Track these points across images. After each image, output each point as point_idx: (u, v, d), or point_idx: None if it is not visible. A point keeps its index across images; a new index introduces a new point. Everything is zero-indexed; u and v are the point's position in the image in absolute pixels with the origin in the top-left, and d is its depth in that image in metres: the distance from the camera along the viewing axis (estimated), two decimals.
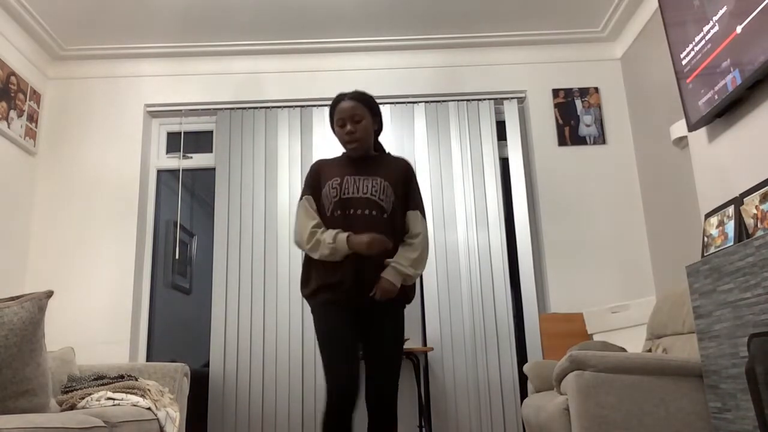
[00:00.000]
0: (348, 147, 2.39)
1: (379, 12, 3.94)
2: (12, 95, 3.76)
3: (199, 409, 3.71)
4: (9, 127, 3.72)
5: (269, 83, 4.24)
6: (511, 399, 3.69)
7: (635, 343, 3.44)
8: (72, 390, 2.83)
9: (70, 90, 4.21)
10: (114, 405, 2.60)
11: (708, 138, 2.88)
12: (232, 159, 4.06)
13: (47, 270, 3.89)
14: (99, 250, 3.92)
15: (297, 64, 4.27)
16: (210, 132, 4.31)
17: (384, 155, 2.50)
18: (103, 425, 2.20)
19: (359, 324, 2.34)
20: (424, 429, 3.63)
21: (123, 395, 2.70)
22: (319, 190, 2.41)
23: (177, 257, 4.17)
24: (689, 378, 2.37)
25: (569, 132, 4.15)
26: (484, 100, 4.19)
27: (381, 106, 4.13)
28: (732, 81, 2.51)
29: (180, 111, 4.25)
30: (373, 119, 2.42)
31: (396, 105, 4.19)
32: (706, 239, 2.62)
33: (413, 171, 2.48)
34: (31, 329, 2.17)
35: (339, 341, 2.22)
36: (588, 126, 4.16)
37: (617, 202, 4.04)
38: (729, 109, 2.66)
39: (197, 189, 4.31)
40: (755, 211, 2.30)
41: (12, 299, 2.21)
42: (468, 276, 3.86)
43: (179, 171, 4.26)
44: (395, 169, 2.42)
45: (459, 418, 3.67)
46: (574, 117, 4.17)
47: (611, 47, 4.30)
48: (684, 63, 2.88)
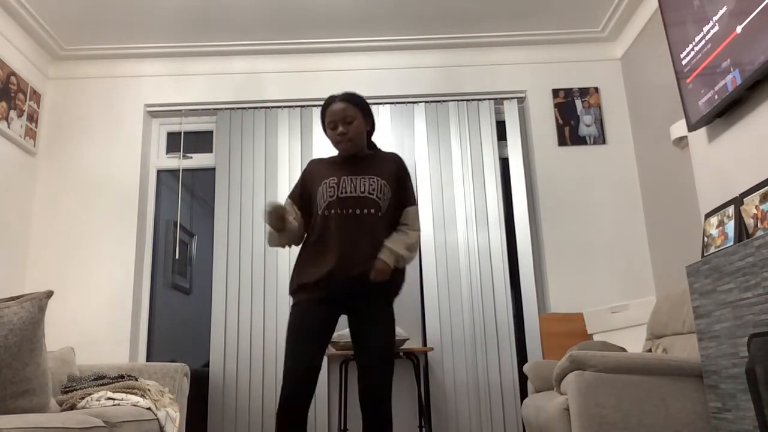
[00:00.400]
0: (341, 148, 2.40)
1: (379, 12, 3.94)
2: (12, 95, 3.76)
3: (199, 409, 3.71)
4: (9, 127, 3.72)
5: (269, 83, 4.24)
6: (511, 399, 3.69)
7: (635, 343, 3.44)
8: (72, 390, 2.84)
9: (70, 90, 4.21)
10: (114, 405, 2.60)
11: (708, 138, 2.88)
12: (232, 159, 4.06)
13: (47, 270, 3.89)
14: (99, 250, 3.92)
15: (297, 64, 4.28)
16: (210, 132, 4.31)
17: (376, 152, 2.50)
18: (103, 425, 2.20)
19: (351, 323, 2.34)
20: (424, 429, 3.63)
21: (123, 395, 2.70)
22: (308, 190, 2.42)
23: (177, 257, 4.17)
24: (689, 378, 2.37)
25: (569, 132, 4.15)
26: (484, 100, 4.19)
27: (381, 106, 4.18)
28: (732, 81, 2.51)
29: (180, 111, 4.25)
30: (365, 119, 2.43)
31: (396, 105, 4.19)
32: (706, 239, 2.62)
33: (405, 165, 2.49)
34: (31, 329, 2.17)
35: (301, 341, 2.21)
36: (588, 126, 4.16)
37: (617, 202, 4.04)
38: (729, 109, 2.66)
39: (197, 189, 4.31)
40: (755, 211, 2.30)
41: (12, 299, 2.21)
42: (468, 276, 3.86)
43: (179, 171, 4.26)
44: (389, 166, 2.43)
45: (459, 418, 3.67)
46: (574, 117, 4.18)
47: (611, 47, 4.30)
48: (684, 63, 2.88)
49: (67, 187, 4.03)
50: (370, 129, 2.48)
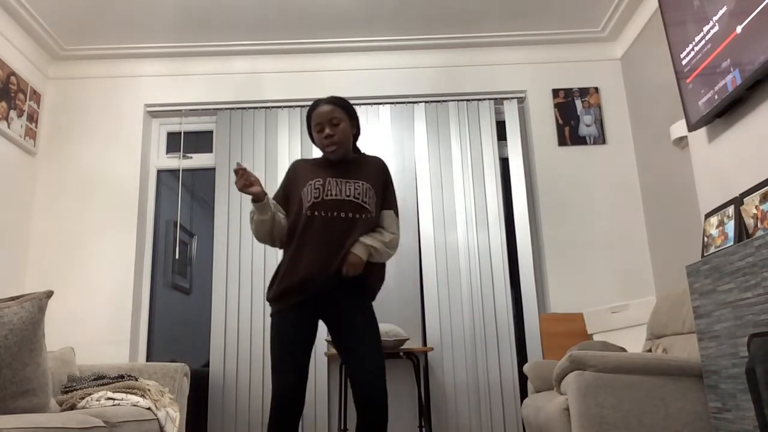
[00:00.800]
0: (327, 151, 2.38)
1: (379, 12, 3.94)
2: (12, 95, 3.76)
3: (199, 409, 3.71)
4: (9, 127, 3.72)
5: (269, 83, 4.24)
6: (511, 399, 3.69)
7: (635, 343, 3.44)
8: (72, 390, 2.84)
9: (70, 90, 4.21)
10: (114, 405, 2.60)
11: (708, 138, 2.88)
12: (232, 159, 4.06)
13: (47, 270, 3.89)
14: (99, 250, 3.92)
15: (297, 64, 4.27)
16: (210, 132, 4.31)
17: (361, 156, 2.50)
18: (103, 425, 2.20)
19: (332, 329, 2.33)
20: (424, 429, 3.63)
21: (123, 395, 2.70)
22: (291, 190, 2.40)
23: (177, 257, 4.17)
24: (689, 378, 2.37)
25: (569, 132, 4.15)
26: (484, 100, 4.19)
27: (381, 106, 4.18)
28: (732, 81, 2.51)
29: (180, 111, 4.25)
30: (351, 123, 2.43)
31: (396, 105, 4.19)
32: (706, 239, 2.62)
33: (388, 170, 2.50)
34: (31, 329, 2.17)
35: (288, 353, 2.20)
36: (588, 126, 4.16)
37: (617, 202, 4.04)
38: (729, 109, 2.66)
39: (197, 189, 4.31)
40: (755, 211, 2.30)
41: (12, 299, 2.21)
42: (468, 276, 3.86)
43: (179, 171, 4.26)
44: (374, 171, 2.43)
45: (459, 418, 3.67)
46: (574, 117, 4.18)
47: (611, 47, 4.30)
48: (684, 63, 2.88)
49: (67, 187, 4.03)
50: (356, 133, 2.49)
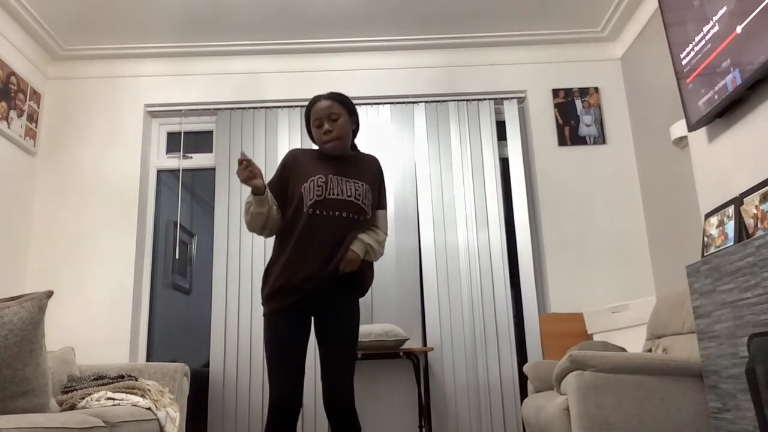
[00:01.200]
0: (327, 147, 2.36)
1: (379, 12, 3.94)
2: (12, 95, 3.76)
3: (199, 409, 3.71)
4: (9, 127, 3.72)
5: (269, 83, 4.24)
6: (511, 399, 3.69)
7: (635, 343, 3.44)
8: (72, 390, 2.84)
9: (70, 90, 4.21)
10: (114, 405, 2.60)
11: (708, 138, 2.88)
12: (232, 159, 4.06)
13: (47, 270, 3.89)
14: (99, 250, 3.92)
15: (297, 64, 4.27)
16: (210, 132, 4.31)
17: (358, 155, 2.49)
18: (103, 425, 2.20)
19: (317, 322, 2.32)
20: (424, 429, 3.63)
21: (123, 395, 2.70)
22: (289, 180, 2.35)
23: (177, 257, 4.17)
24: (689, 378, 2.37)
25: (569, 132, 4.15)
26: (484, 100, 4.19)
27: (381, 106, 4.18)
28: (732, 81, 2.51)
29: (180, 111, 4.25)
30: (350, 118, 2.42)
31: (396, 105, 4.19)
32: (706, 239, 2.62)
33: (382, 170, 2.50)
34: (31, 329, 2.17)
35: (286, 356, 2.20)
36: (588, 126, 4.16)
37: (617, 202, 4.04)
38: (729, 109, 2.66)
39: (197, 189, 4.31)
40: (755, 211, 2.30)
41: (12, 299, 2.21)
42: (468, 276, 3.86)
43: (179, 171, 4.26)
44: (371, 171, 2.43)
45: (459, 418, 3.67)
46: (574, 117, 4.17)
47: (611, 47, 4.30)
48: (684, 63, 2.88)
49: (67, 187, 4.03)
50: (355, 128, 2.48)
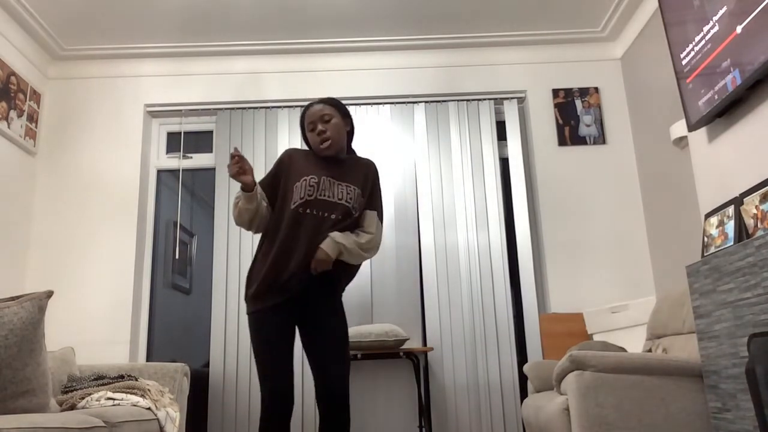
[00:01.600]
0: (322, 148, 2.38)
1: (379, 12, 3.94)
2: (12, 95, 3.76)
3: (199, 409, 3.71)
4: (9, 127, 3.72)
5: (269, 83, 4.24)
6: (511, 399, 3.69)
7: (635, 343, 3.44)
8: (72, 390, 2.84)
9: (70, 90, 4.21)
10: (114, 405, 2.60)
11: (708, 138, 2.88)
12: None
13: (47, 270, 3.89)
14: (99, 250, 3.92)
15: (297, 64, 4.27)
16: (210, 132, 4.31)
17: (353, 158, 2.50)
18: (103, 425, 2.20)
19: (302, 324, 2.32)
20: (424, 429, 3.63)
21: (123, 395, 2.70)
22: (282, 178, 2.39)
23: (177, 257, 4.17)
24: (689, 378, 2.37)
25: (569, 132, 4.15)
26: (484, 100, 4.19)
27: (381, 106, 4.18)
28: (732, 81, 2.51)
29: (180, 111, 4.25)
30: (344, 120, 2.44)
31: (396, 105, 4.19)
32: (706, 239, 2.62)
33: (378, 174, 2.50)
34: (31, 329, 2.17)
35: (276, 358, 2.20)
36: (588, 126, 4.16)
37: (617, 202, 4.04)
38: (729, 109, 2.66)
39: (197, 189, 4.31)
40: (755, 211, 2.30)
41: (12, 299, 2.21)
42: (468, 276, 3.86)
43: (179, 171, 4.26)
44: (364, 174, 2.43)
45: (459, 418, 3.67)
46: (574, 117, 4.17)
47: (611, 47, 4.30)
48: (684, 63, 2.88)
49: (67, 187, 4.03)
50: (350, 131, 2.49)
